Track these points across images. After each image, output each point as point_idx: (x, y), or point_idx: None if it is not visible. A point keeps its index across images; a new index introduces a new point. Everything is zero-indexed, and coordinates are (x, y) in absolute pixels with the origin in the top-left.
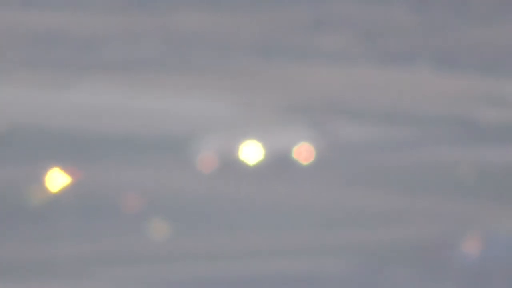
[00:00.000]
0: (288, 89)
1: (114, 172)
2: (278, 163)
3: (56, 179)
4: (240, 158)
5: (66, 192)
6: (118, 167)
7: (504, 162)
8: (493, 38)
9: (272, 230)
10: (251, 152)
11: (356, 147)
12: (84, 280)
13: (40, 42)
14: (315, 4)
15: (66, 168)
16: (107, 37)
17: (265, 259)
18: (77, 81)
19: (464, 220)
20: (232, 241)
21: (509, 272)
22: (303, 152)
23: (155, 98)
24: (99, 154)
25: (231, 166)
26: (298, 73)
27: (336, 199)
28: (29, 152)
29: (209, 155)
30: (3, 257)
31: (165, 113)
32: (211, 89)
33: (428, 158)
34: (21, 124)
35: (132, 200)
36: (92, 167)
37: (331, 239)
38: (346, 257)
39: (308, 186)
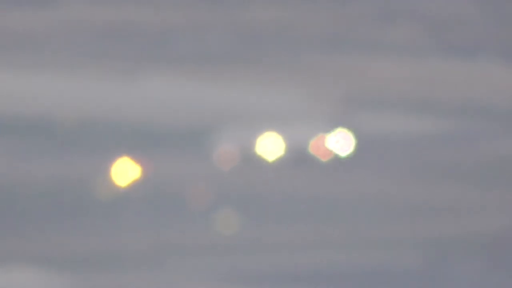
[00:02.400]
0: (356, 83)
1: (182, 165)
2: (346, 156)
3: (125, 173)
4: (309, 151)
5: (134, 185)
6: (186, 160)
7: None
8: None
9: (341, 222)
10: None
11: (423, 140)
12: (154, 272)
13: (109, 35)
14: None
15: (134, 162)
16: (178, 30)
17: (333, 252)
18: (147, 75)
19: None
20: (301, 233)
21: None
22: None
23: (225, 92)
24: (168, 147)
25: (302, 158)
26: (365, 66)
27: (405, 192)
28: (98, 146)
29: (278, 148)
30: (73, 250)
31: (234, 107)
32: (281, 83)
33: (498, 151)
34: (90, 117)
35: (200, 193)
36: (161, 160)
37: (400, 232)
38: (416, 251)
39: (376, 179)
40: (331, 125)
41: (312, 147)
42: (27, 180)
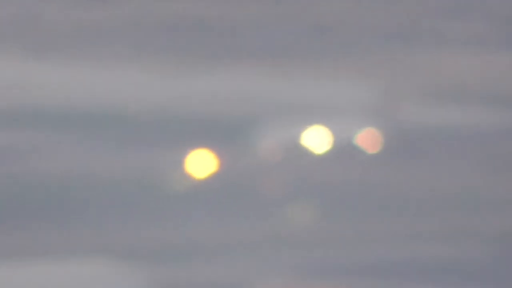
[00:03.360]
0: (425, 75)
1: (255, 157)
2: (416, 146)
3: (199, 165)
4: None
5: (209, 177)
6: (259, 152)
7: None
8: None
9: (413, 215)
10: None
11: (491, 133)
12: (228, 266)
13: (178, 30)
14: None
15: (209, 154)
16: (245, 24)
17: (406, 244)
18: (216, 68)
19: None
20: (375, 225)
21: None
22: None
23: (294, 85)
24: (240, 139)
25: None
26: (435, 59)
27: (471, 185)
28: (171, 138)
29: (349, 139)
30: (147, 243)
31: (304, 99)
32: (350, 75)
33: None
34: (164, 110)
35: (274, 185)
36: (234, 153)
37: (466, 226)
38: (484, 244)
39: (439, 172)
40: (394, 118)
41: (359, 139)
42: (102, 173)
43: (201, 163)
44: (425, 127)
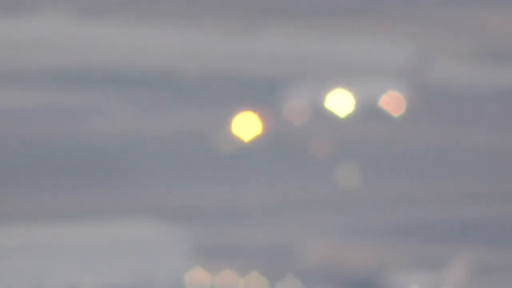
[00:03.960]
0: (478, 36)
1: (305, 119)
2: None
3: (247, 127)
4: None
5: (256, 139)
6: (301, 113)
7: None
8: None
9: (452, 176)
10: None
11: None
12: (274, 226)
13: None
14: None
15: (257, 116)
16: None
17: (448, 205)
18: (265, 29)
19: None
20: (425, 186)
21: None
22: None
23: (342, 43)
24: (289, 102)
25: (422, 109)
26: (488, 20)
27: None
28: (220, 99)
29: (400, 99)
30: (194, 203)
31: (354, 58)
32: (399, 34)
33: None
34: (214, 71)
35: (322, 147)
36: (282, 115)
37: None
38: None
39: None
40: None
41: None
42: (151, 133)
43: (249, 125)
44: (460, 87)
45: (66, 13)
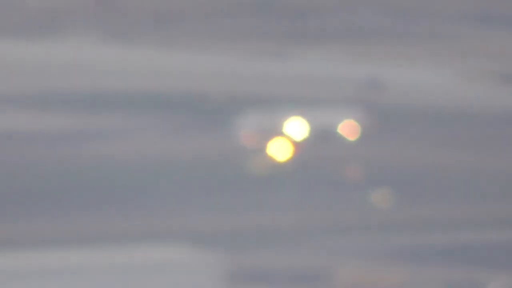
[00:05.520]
0: (499, 57)
1: (335, 143)
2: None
3: (278, 150)
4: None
5: (287, 162)
6: (341, 138)
7: None
8: None
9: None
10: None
11: None
12: (304, 250)
13: (256, 14)
14: None
15: (287, 139)
16: (328, 7)
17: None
18: (293, 52)
19: None
20: (457, 210)
21: None
22: None
23: (376, 67)
24: (316, 124)
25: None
26: (508, 41)
27: None
28: (249, 122)
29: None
30: (225, 227)
31: (393, 82)
32: (431, 57)
33: None
34: (242, 94)
35: (354, 170)
36: (311, 138)
37: None
38: None
39: None
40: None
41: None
42: (181, 157)
43: (278, 148)
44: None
45: (92, 36)
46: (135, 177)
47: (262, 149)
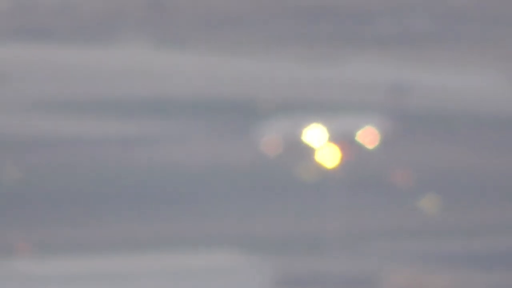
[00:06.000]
0: None
1: (386, 148)
2: None
3: (328, 156)
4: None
5: (337, 168)
6: (387, 142)
7: None
8: None
9: None
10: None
11: None
12: (353, 255)
13: (309, 16)
14: None
15: (337, 145)
16: (379, 11)
17: None
18: (345, 57)
19: None
20: (504, 215)
21: None
22: None
23: (426, 72)
24: (367, 129)
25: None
26: None
27: None
28: (299, 127)
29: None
30: (274, 233)
31: (436, 89)
32: (479, 62)
33: None
34: (292, 97)
35: (403, 176)
36: (362, 143)
37: None
38: None
39: None
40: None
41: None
42: (232, 162)
43: (328, 154)
44: None
45: (146, 43)
46: (186, 182)
47: (310, 156)
